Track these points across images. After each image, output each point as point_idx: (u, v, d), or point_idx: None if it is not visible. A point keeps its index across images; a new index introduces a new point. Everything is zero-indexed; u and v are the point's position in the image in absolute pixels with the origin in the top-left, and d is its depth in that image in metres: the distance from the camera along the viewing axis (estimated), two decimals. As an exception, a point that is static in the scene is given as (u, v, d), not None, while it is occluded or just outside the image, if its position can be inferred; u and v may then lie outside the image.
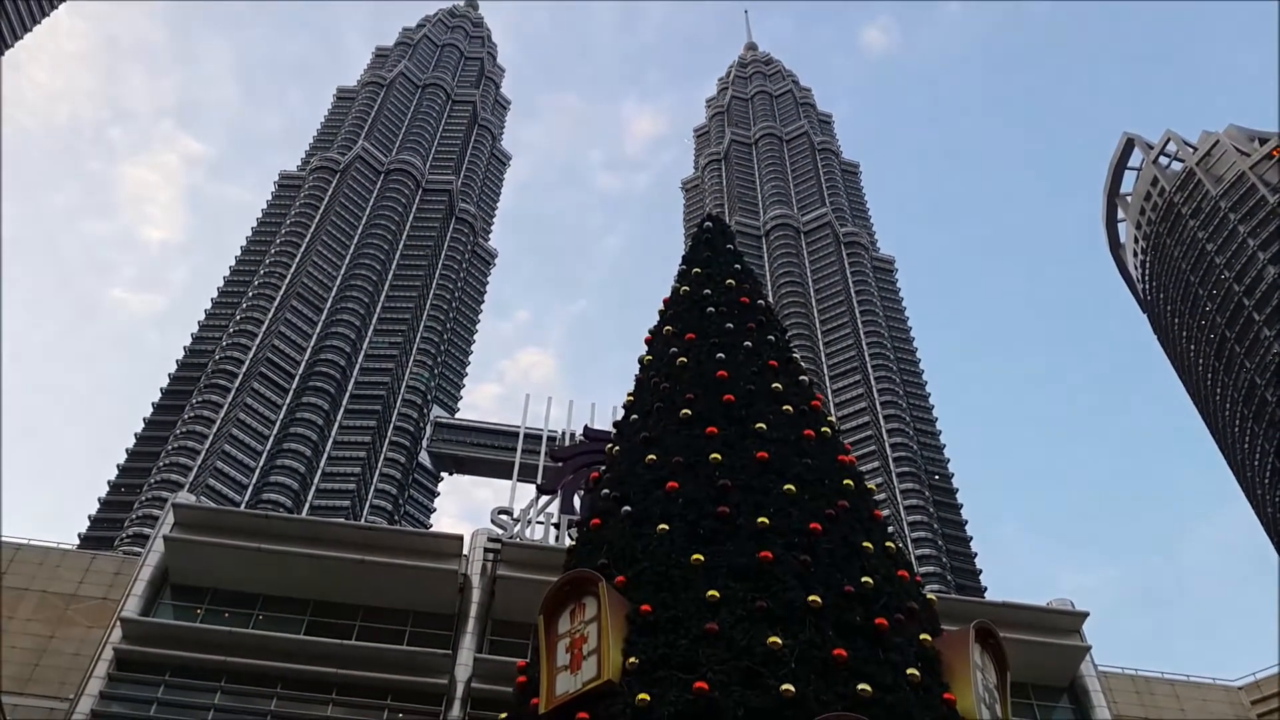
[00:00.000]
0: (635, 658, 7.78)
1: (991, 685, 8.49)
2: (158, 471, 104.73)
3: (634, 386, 12.54)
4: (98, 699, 29.15)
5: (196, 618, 32.04)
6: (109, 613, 31.90)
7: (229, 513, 46.69)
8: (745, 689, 7.35)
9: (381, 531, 39.49)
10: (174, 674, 30.13)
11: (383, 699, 30.73)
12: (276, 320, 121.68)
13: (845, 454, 11.04)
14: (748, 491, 9.45)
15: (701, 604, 8.18)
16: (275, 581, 32.38)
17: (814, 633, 7.93)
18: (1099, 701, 33.83)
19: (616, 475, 10.73)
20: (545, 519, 37.10)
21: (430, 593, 32.72)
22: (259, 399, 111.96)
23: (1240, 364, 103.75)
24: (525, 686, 8.76)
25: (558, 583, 8.66)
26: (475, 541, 34.42)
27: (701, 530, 9.04)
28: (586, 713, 7.59)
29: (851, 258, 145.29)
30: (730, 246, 14.66)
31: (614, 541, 9.44)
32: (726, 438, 10.25)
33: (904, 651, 8.12)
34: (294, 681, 30.49)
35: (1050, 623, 34.70)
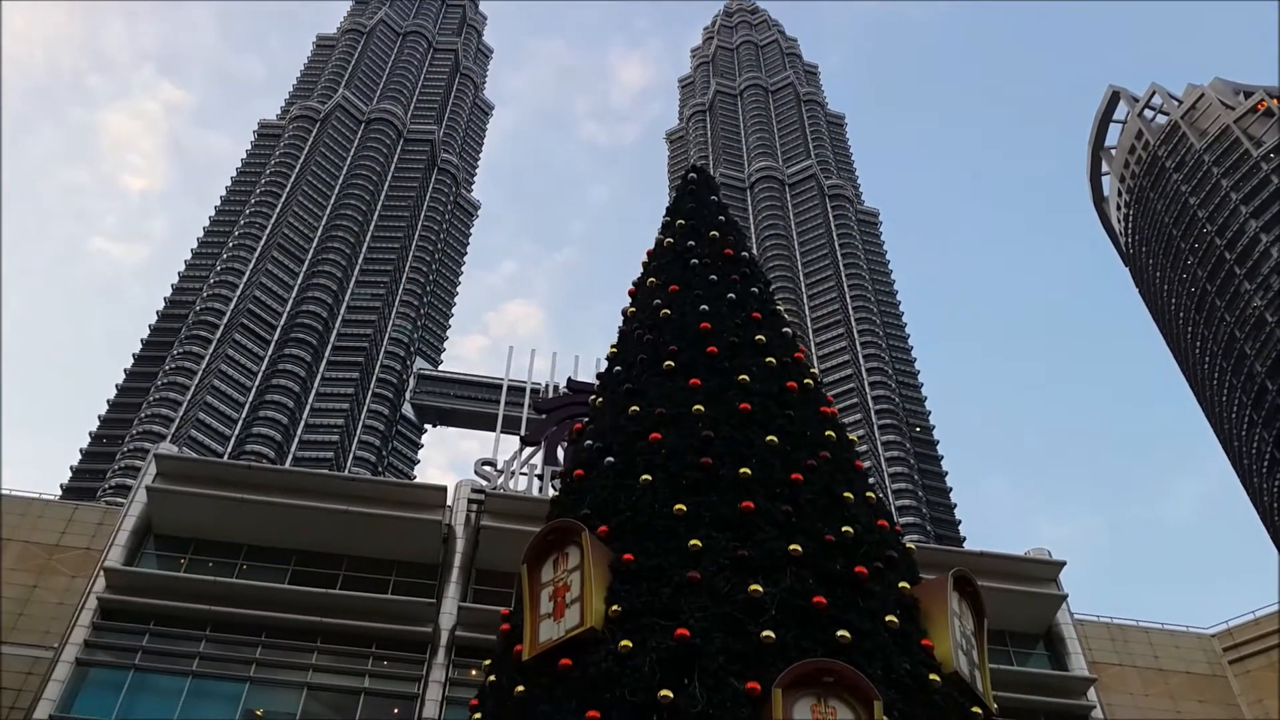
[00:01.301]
0: (618, 605, 7.86)
1: (969, 632, 8.63)
2: (139, 422, 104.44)
3: (617, 338, 12.54)
4: (83, 648, 29.29)
5: (180, 567, 32.14)
6: (92, 563, 31.97)
7: (211, 463, 46.66)
8: (727, 635, 7.44)
9: (365, 482, 39.57)
10: (159, 623, 30.27)
11: (368, 647, 31.00)
12: (257, 272, 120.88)
13: (828, 406, 11.09)
14: (730, 443, 9.50)
15: (684, 553, 8.25)
16: (259, 532, 32.48)
17: (795, 581, 8.01)
18: (1074, 649, 34.41)
19: (599, 427, 10.75)
20: (529, 470, 37.25)
21: (414, 543, 32.89)
22: (240, 350, 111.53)
23: (1220, 317, 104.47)
24: (509, 634, 8.84)
25: (541, 532, 8.71)
26: (459, 492, 34.55)
27: (684, 481, 9.09)
28: (570, 659, 7.67)
29: (836, 210, 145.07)
30: (715, 198, 14.60)
31: (597, 492, 9.49)
32: (709, 389, 10.27)
33: (883, 599, 8.23)
34: (279, 630, 30.69)
35: (1027, 571, 35.18)
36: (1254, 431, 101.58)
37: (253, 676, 30.02)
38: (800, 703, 6.64)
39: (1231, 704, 36.41)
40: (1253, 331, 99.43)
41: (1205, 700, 36.26)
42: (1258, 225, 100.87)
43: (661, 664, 7.25)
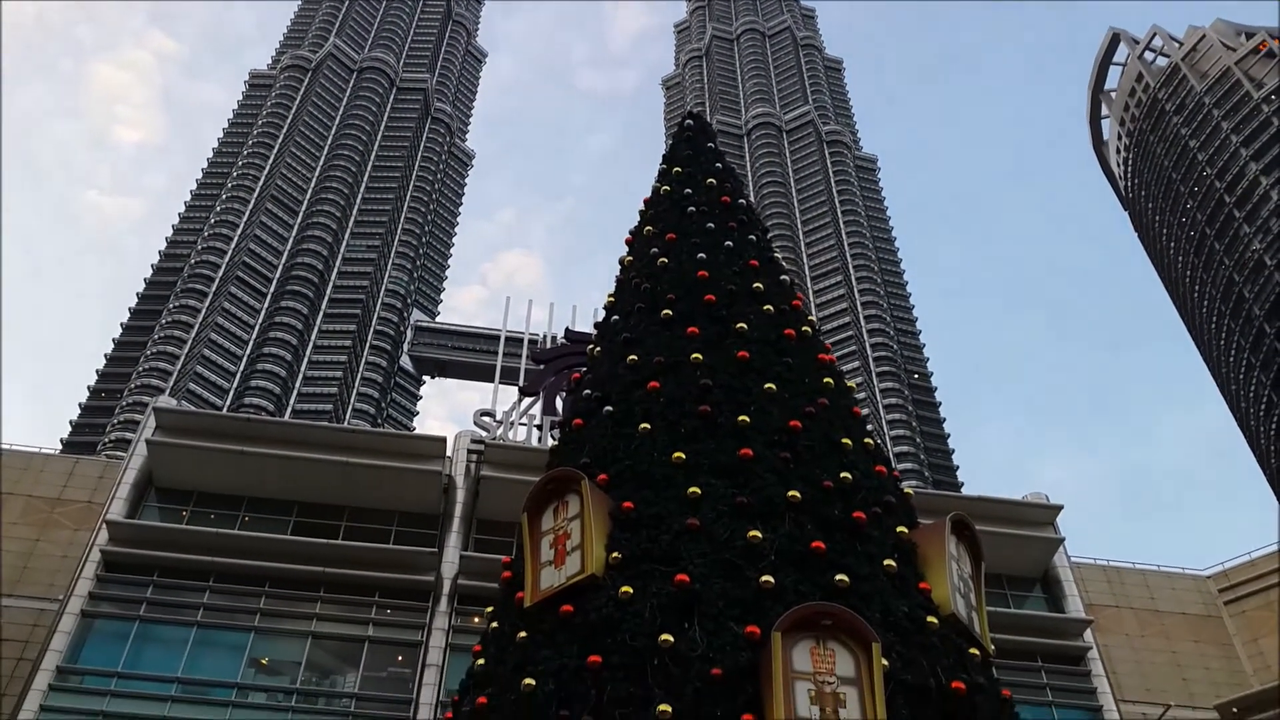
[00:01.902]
0: (618, 553, 7.90)
1: (966, 575, 8.69)
2: (138, 376, 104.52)
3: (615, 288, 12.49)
4: (87, 599, 29.56)
5: (182, 520, 32.34)
6: (94, 516, 32.15)
7: (211, 416, 46.78)
8: (726, 581, 7.49)
9: (365, 434, 39.69)
10: (162, 575, 30.53)
11: (371, 596, 31.29)
12: (252, 224, 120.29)
13: (826, 353, 11.08)
14: (729, 391, 9.49)
15: (683, 500, 8.28)
16: (259, 484, 32.64)
17: (793, 527, 8.05)
18: (1071, 591, 34.76)
19: (598, 376, 10.74)
20: (528, 421, 37.37)
21: (415, 493, 33.06)
22: (237, 303, 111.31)
23: (1219, 261, 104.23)
24: (510, 582, 8.91)
25: (541, 481, 8.74)
26: (458, 443, 34.68)
27: (683, 429, 9.10)
28: (571, 605, 7.73)
29: (834, 156, 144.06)
30: (711, 145, 14.48)
31: (596, 441, 9.51)
32: (707, 338, 10.25)
33: (881, 544, 8.27)
34: (282, 581, 30.96)
35: (1024, 516, 35.45)
36: (1251, 374, 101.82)
37: (257, 626, 30.33)
38: (799, 646, 6.70)
39: (1226, 644, 36.87)
40: (1251, 275, 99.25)
41: (1201, 640, 36.72)
42: (1258, 168, 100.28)
43: (662, 609, 7.31)
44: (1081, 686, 32.90)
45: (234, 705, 28.74)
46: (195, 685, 28.99)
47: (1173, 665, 35.70)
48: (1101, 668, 33.28)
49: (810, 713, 6.41)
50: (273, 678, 30.54)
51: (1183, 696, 34.65)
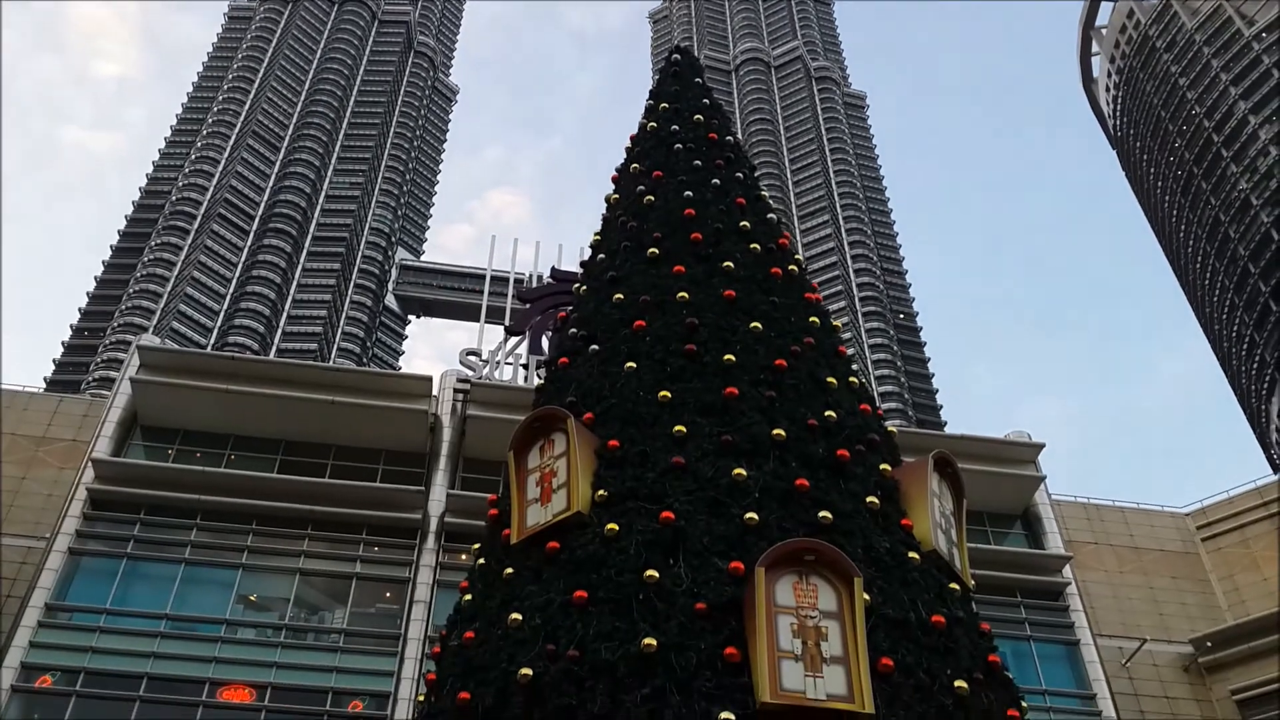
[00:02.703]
0: (604, 490, 7.95)
1: (948, 512, 8.78)
2: (120, 314, 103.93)
3: (601, 226, 12.41)
4: (74, 537, 29.66)
5: (168, 458, 32.36)
6: (80, 454, 32.13)
7: (195, 355, 46.59)
8: (711, 518, 7.56)
9: (351, 373, 39.64)
10: (149, 513, 30.62)
11: (358, 534, 31.48)
12: (233, 160, 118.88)
13: (812, 292, 11.06)
14: (714, 329, 9.48)
15: (668, 439, 8.31)
16: (245, 423, 32.63)
17: (778, 464, 8.10)
18: (1051, 528, 35.22)
19: (584, 315, 10.71)
20: (514, 360, 37.37)
21: (401, 432, 33.13)
22: (219, 241, 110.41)
23: (1205, 201, 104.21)
24: (497, 519, 8.96)
25: (527, 419, 8.75)
26: (444, 382, 34.69)
27: (669, 368, 9.10)
28: (557, 542, 7.78)
29: (823, 93, 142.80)
30: (699, 81, 14.30)
31: (582, 380, 9.50)
32: (694, 276, 10.21)
33: (864, 481, 8.34)
34: (269, 518, 31.10)
35: (1006, 454, 35.77)
36: (1235, 315, 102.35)
37: (245, 563, 30.52)
38: (782, 581, 6.78)
39: (1203, 580, 37.50)
40: (1237, 215, 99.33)
41: (1178, 576, 37.32)
42: (1246, 107, 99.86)
43: (647, 546, 7.37)
44: (1059, 621, 33.48)
45: (223, 641, 29.01)
46: (184, 621, 29.24)
47: (1150, 600, 36.33)
48: (1079, 603, 33.84)
49: (793, 645, 6.50)
50: (261, 614, 30.82)
51: (1159, 631, 35.31)
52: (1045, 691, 31.17)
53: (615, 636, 6.79)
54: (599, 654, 6.69)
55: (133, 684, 27.49)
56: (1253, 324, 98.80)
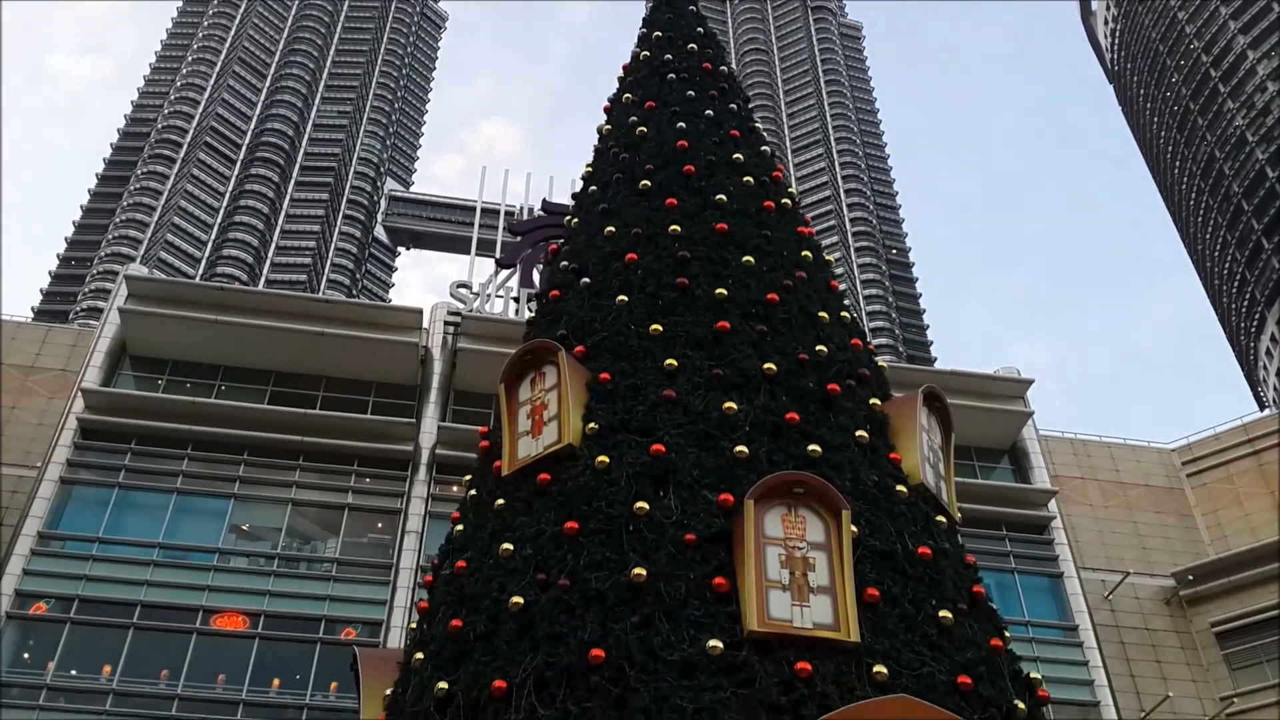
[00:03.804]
0: (595, 423, 7.96)
1: (936, 446, 8.83)
2: (108, 244, 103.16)
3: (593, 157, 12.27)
4: (65, 467, 29.76)
5: (158, 388, 32.37)
6: (69, 384, 32.10)
7: (184, 285, 46.35)
8: (701, 451, 7.59)
9: (340, 304, 39.51)
10: (139, 443, 30.70)
11: (349, 465, 31.64)
12: (219, 88, 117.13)
13: (805, 226, 10.99)
14: (706, 263, 9.44)
15: (659, 372, 8.31)
16: (235, 353, 32.60)
17: (768, 398, 8.11)
18: (1038, 463, 35.58)
19: (575, 247, 10.63)
20: (504, 293, 37.26)
21: (392, 365, 33.15)
22: (206, 170, 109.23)
23: (1201, 137, 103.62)
24: (488, 451, 8.98)
25: (518, 352, 8.74)
26: (435, 315, 34.63)
27: (660, 301, 9.07)
28: (548, 474, 7.82)
29: (818, 23, 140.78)
30: (693, 8, 14.05)
31: (573, 313, 9.47)
32: (686, 209, 10.13)
33: (854, 415, 8.37)
34: (260, 449, 31.22)
35: (995, 389, 36.00)
36: (1226, 252, 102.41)
37: (237, 494, 30.71)
38: (771, 513, 6.83)
39: (1187, 515, 37.99)
40: (1233, 151, 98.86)
41: (1162, 511, 37.80)
42: (1245, 41, 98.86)
43: (637, 478, 7.41)
44: (1044, 554, 33.99)
45: (215, 570, 29.30)
46: (176, 550, 29.47)
47: (1133, 535, 36.83)
48: (1064, 536, 34.33)
49: (780, 576, 6.58)
50: (254, 543, 31.10)
51: (1141, 564, 35.85)
52: (1028, 623, 31.74)
53: (605, 566, 6.86)
54: (589, 583, 6.76)
55: (126, 611, 27.81)
56: (1244, 262, 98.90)
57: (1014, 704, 6.69)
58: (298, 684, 27.76)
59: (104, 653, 27.24)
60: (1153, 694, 32.62)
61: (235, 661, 27.62)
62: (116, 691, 26.64)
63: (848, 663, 6.28)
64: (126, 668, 27.02)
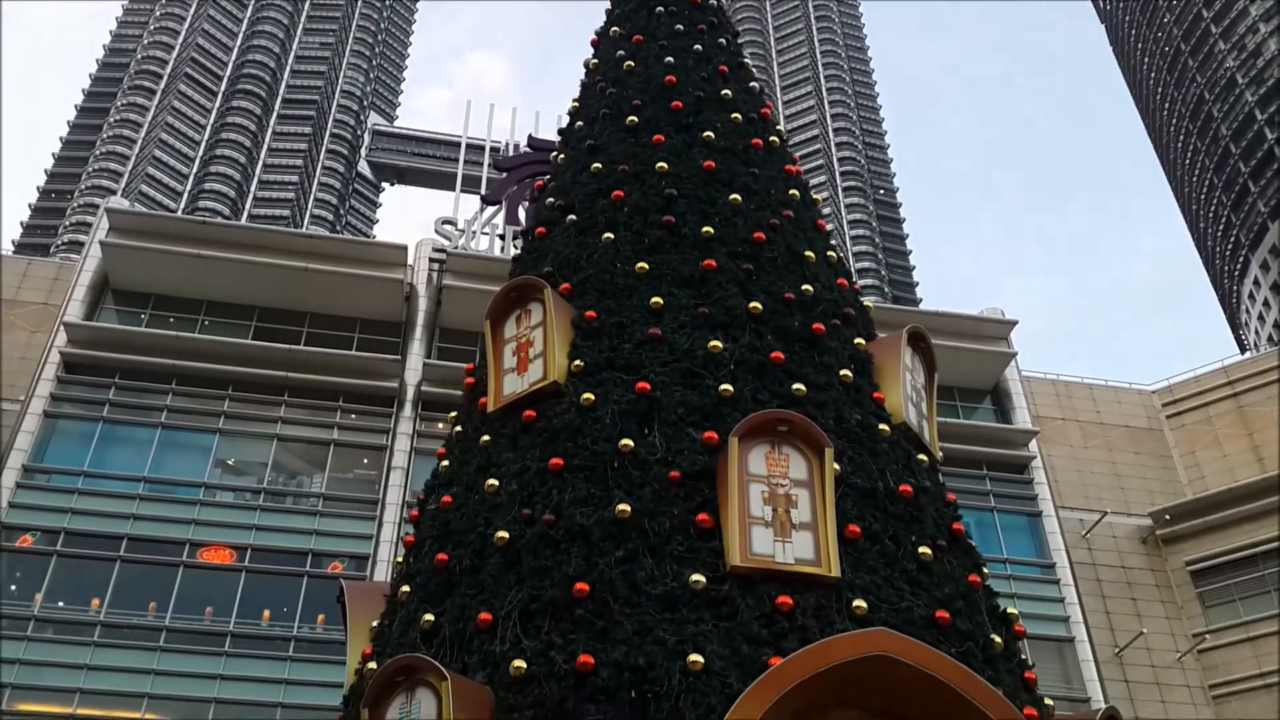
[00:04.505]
0: (580, 361, 7.97)
1: (919, 386, 8.88)
2: (88, 176, 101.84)
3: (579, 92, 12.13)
4: (49, 400, 29.69)
5: (141, 323, 32.20)
6: (51, 318, 31.90)
7: (166, 218, 45.85)
8: (686, 389, 7.62)
9: (324, 240, 39.25)
10: (123, 377, 30.61)
11: (335, 401, 31.66)
12: (199, 17, 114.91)
13: (792, 164, 10.92)
14: (693, 201, 9.38)
15: (645, 310, 8.31)
16: (218, 288, 32.41)
17: (753, 337, 8.13)
18: (1019, 403, 35.86)
19: (561, 184, 10.55)
20: (490, 230, 37.04)
21: (376, 301, 33.03)
22: (186, 101, 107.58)
23: (1191, 78, 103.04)
24: (473, 388, 8.99)
25: (503, 288, 8.71)
26: (420, 251, 34.43)
27: (646, 239, 9.03)
28: (533, 411, 7.84)
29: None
30: (682, -60, 13.81)
31: (559, 250, 9.43)
32: (673, 146, 10.04)
33: (838, 355, 8.40)
34: (245, 385, 31.18)
35: (979, 330, 36.15)
36: (1213, 195, 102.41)
37: (222, 429, 30.73)
38: (755, 450, 6.89)
39: (1165, 456, 38.44)
40: (1222, 93, 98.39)
41: (1141, 452, 38.23)
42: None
43: (622, 415, 7.44)
44: (1023, 494, 34.40)
45: (202, 504, 29.41)
46: (162, 484, 29.55)
47: (1112, 475, 37.28)
48: (1044, 476, 34.72)
49: (763, 512, 6.65)
50: (240, 478, 31.20)
51: (1119, 504, 36.34)
52: (1006, 560, 32.21)
53: (590, 502, 6.92)
54: (574, 519, 6.83)
55: (113, 545, 27.95)
56: (1230, 205, 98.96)
57: (991, 638, 6.82)
58: (285, 616, 28.04)
59: (91, 585, 27.42)
60: (1127, 630, 33.28)
61: (222, 594, 27.85)
62: (104, 623, 26.88)
63: (828, 597, 6.38)
64: (114, 600, 27.22)
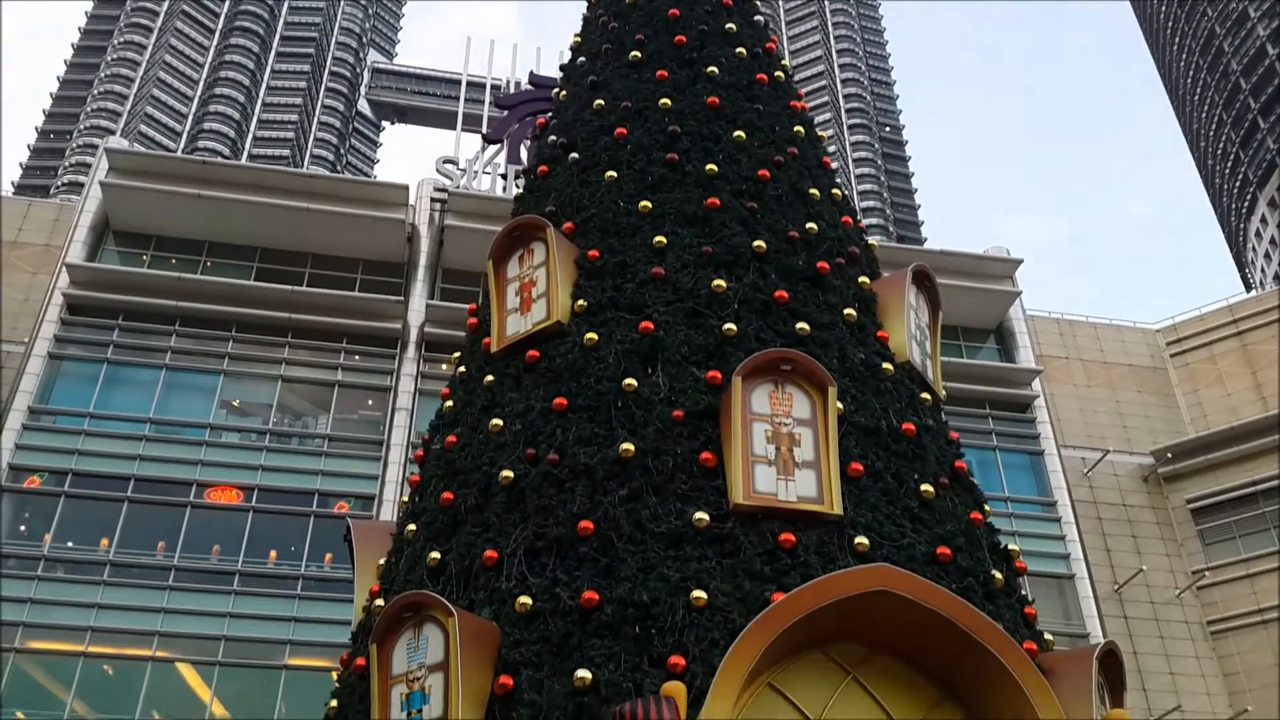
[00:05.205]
0: (583, 300, 7.95)
1: (923, 324, 8.85)
2: (86, 116, 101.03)
3: (582, 26, 11.95)
4: (53, 342, 29.74)
5: (143, 264, 32.13)
6: (53, 259, 31.83)
7: (166, 158, 45.52)
8: (689, 329, 7.60)
9: (325, 179, 38.99)
10: (127, 318, 30.62)
11: (338, 342, 31.68)
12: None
13: (797, 100, 10.77)
14: (697, 138, 9.27)
15: (648, 249, 8.26)
16: (219, 229, 32.28)
17: (757, 276, 8.09)
18: (1023, 342, 35.82)
19: (563, 121, 10.43)
20: (492, 170, 36.77)
21: (378, 242, 32.89)
22: (185, 40, 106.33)
23: (1203, 12, 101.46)
24: (477, 329, 8.98)
25: (506, 228, 8.65)
26: (421, 191, 34.22)
27: (650, 177, 8.94)
28: (537, 351, 7.84)
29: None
30: None
31: (561, 189, 9.35)
32: (677, 82, 9.90)
33: (842, 293, 8.36)
34: (248, 326, 31.20)
35: (984, 269, 35.99)
36: (1222, 131, 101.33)
37: (226, 370, 30.79)
38: (758, 389, 6.88)
39: (1168, 394, 38.48)
40: (1234, 28, 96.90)
41: (1143, 391, 38.27)
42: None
43: (625, 355, 7.43)
44: (1026, 432, 34.49)
45: (207, 445, 29.57)
46: (167, 425, 29.70)
47: (1115, 413, 37.35)
48: (1047, 415, 34.79)
49: (766, 451, 6.66)
50: (244, 419, 31.33)
51: (1121, 443, 36.46)
52: (1008, 498, 32.40)
53: (594, 442, 6.94)
54: (578, 458, 6.85)
55: (120, 485, 28.15)
56: (1239, 141, 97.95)
57: (991, 574, 6.87)
58: (293, 555, 28.33)
59: (100, 525, 27.67)
60: (1127, 567, 33.57)
61: (230, 533, 28.12)
62: (113, 562, 27.16)
63: (830, 534, 6.41)
64: (122, 539, 27.49)
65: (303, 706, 25.10)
